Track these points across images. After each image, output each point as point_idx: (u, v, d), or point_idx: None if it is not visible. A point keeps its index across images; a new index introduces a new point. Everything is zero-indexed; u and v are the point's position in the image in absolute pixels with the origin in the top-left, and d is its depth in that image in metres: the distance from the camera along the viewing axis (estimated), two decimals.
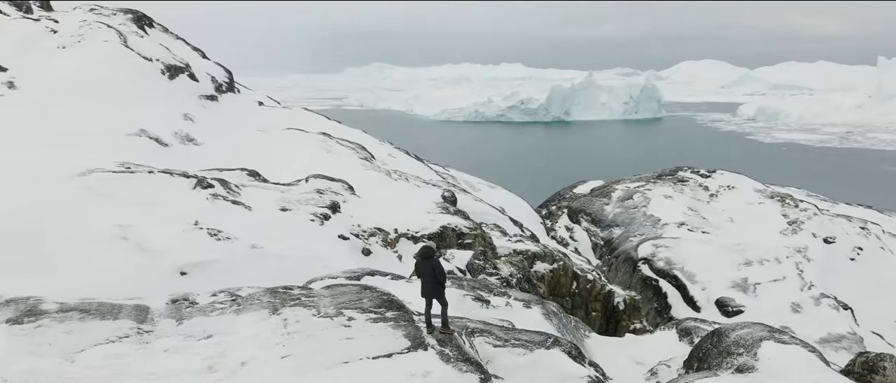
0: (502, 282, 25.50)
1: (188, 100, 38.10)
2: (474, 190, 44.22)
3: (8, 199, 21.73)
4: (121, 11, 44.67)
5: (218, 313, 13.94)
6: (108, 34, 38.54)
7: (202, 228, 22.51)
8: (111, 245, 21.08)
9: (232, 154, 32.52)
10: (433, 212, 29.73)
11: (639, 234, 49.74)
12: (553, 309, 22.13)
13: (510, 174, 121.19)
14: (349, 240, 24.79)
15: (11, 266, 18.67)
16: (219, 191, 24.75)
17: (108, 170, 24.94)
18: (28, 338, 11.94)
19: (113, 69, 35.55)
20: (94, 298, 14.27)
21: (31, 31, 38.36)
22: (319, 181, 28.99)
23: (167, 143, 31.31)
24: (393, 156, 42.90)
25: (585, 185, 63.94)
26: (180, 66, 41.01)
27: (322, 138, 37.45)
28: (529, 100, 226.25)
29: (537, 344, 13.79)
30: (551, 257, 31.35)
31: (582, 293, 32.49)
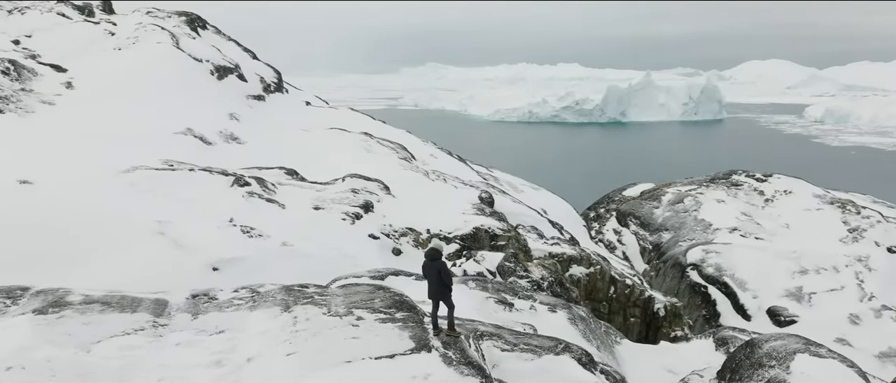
0: (533, 285, 25.21)
1: (235, 100, 39.14)
2: (516, 191, 43.90)
3: (56, 195, 22.80)
4: (176, 14, 46.26)
5: (233, 309, 14.26)
6: (161, 36, 39.97)
7: (236, 225, 23.08)
8: (149, 240, 21.85)
9: (274, 153, 33.24)
10: (468, 213, 29.65)
11: (688, 239, 48.51)
12: (581, 314, 21.76)
13: (561, 176, 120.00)
14: (379, 239, 24.97)
15: (54, 258, 19.58)
16: (255, 190, 25.32)
17: (152, 168, 25.86)
18: (50, 328, 12.49)
19: (164, 70, 36.85)
20: (119, 291, 14.82)
21: (91, 33, 40.14)
22: (355, 180, 29.31)
23: (211, 142, 32.23)
24: (434, 156, 43.01)
25: (635, 188, 62.79)
26: (229, 66, 42.16)
27: (363, 138, 37.87)
28: (584, 100, 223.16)
29: (547, 349, 13.57)
30: (588, 261, 30.81)
31: (620, 298, 31.81)
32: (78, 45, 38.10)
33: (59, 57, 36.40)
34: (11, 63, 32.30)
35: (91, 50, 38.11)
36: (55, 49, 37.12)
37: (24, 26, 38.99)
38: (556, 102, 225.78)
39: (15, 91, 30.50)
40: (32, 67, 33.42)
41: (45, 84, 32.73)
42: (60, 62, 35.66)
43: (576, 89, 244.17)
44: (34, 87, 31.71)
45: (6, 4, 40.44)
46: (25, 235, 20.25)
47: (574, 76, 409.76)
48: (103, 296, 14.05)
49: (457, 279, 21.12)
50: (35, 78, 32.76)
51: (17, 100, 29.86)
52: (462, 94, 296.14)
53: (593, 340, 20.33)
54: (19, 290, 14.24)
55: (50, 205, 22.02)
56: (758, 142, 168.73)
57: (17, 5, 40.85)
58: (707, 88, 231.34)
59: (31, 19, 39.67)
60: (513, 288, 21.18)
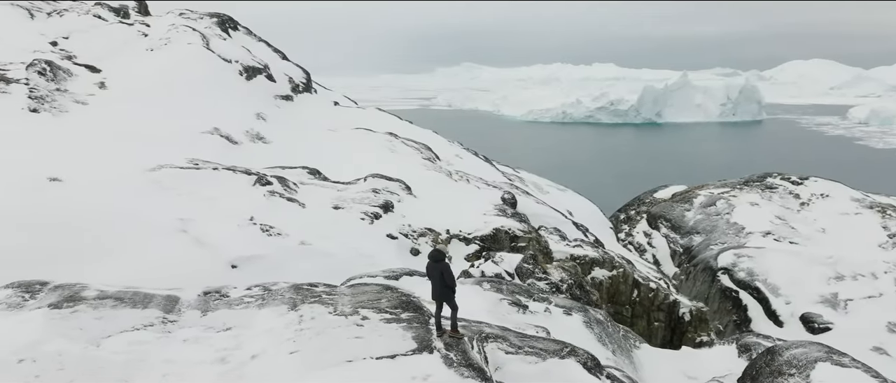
0: (551, 287, 24.99)
1: (263, 100, 39.68)
2: (542, 192, 43.61)
3: (84, 192, 23.42)
4: (207, 15, 47.11)
5: (242, 307, 14.45)
6: (192, 37, 40.75)
7: (256, 224, 23.40)
8: (171, 237, 22.30)
9: (299, 152, 33.62)
10: (489, 213, 29.55)
11: (720, 243, 47.63)
12: (598, 318, 21.50)
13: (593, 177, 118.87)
14: (397, 239, 25.05)
15: (79, 253, 20.11)
16: (276, 189, 25.63)
17: (177, 167, 26.38)
18: (63, 322, 12.82)
19: (193, 70, 37.55)
20: (135, 287, 15.14)
21: (125, 35, 41.13)
22: (377, 180, 29.45)
23: (238, 141, 32.73)
24: (460, 157, 42.99)
25: (667, 190, 61.92)
26: (258, 67, 42.77)
27: (388, 138, 38.03)
28: (619, 101, 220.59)
29: (552, 352, 13.42)
30: (610, 263, 30.41)
31: (643, 301, 31.32)
32: (112, 46, 39.08)
33: (94, 58, 37.39)
34: (48, 64, 33.28)
35: (124, 51, 39.05)
36: (90, 50, 38.14)
37: (62, 28, 40.15)
38: (590, 103, 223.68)
39: (50, 91, 31.42)
40: (68, 68, 34.39)
41: (79, 84, 33.65)
42: (95, 63, 36.62)
43: (610, 89, 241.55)
44: (69, 87, 32.62)
45: (45, 7, 41.71)
46: (53, 231, 20.83)
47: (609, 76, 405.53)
48: (117, 292, 14.37)
49: (472, 280, 21.08)
50: (70, 78, 33.70)
51: (51, 100, 30.76)
52: (495, 94, 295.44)
53: (609, 344, 20.08)
54: (38, 285, 14.66)
55: (77, 202, 22.62)
56: (798, 144, 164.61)
57: (56, 7, 42.10)
58: (746, 89, 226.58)
59: (68, 21, 40.83)
60: (529, 290, 21.03)
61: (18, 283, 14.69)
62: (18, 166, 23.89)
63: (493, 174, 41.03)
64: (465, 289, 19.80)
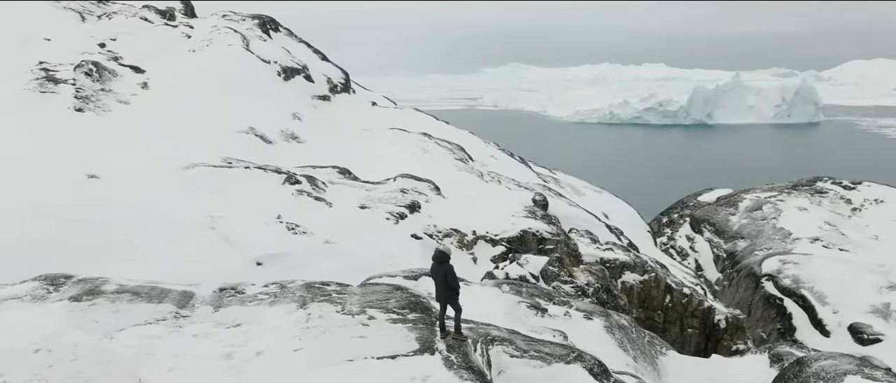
0: (577, 290, 24.65)
1: (300, 100, 40.33)
2: (577, 194, 43.07)
3: (120, 189, 24.23)
4: (249, 17, 48.15)
5: (255, 303, 14.71)
6: (232, 39, 41.72)
7: (282, 222, 23.79)
8: (201, 234, 22.85)
9: (332, 152, 34.05)
10: (518, 215, 29.34)
11: (765, 248, 46.29)
12: (621, 323, 21.12)
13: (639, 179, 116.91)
14: (422, 239, 25.10)
15: (111, 249, 20.82)
16: (304, 188, 26.01)
17: (210, 165, 27.03)
18: (81, 315, 13.28)
19: (232, 71, 38.44)
20: (153, 282, 15.58)
21: (169, 36, 42.38)
22: (406, 180, 29.58)
23: (272, 141, 33.34)
24: (494, 157, 42.82)
25: (711, 194, 60.55)
26: (297, 67, 43.48)
27: (421, 138, 38.17)
28: (668, 101, 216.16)
29: (558, 357, 13.23)
30: (642, 268, 29.82)
31: (676, 307, 30.62)
32: (156, 48, 40.33)
33: (139, 59, 38.65)
34: (94, 65, 34.55)
35: (168, 52, 40.25)
36: (136, 51, 39.44)
37: (111, 30, 41.64)
38: (638, 103, 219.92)
39: (95, 91, 32.61)
40: (113, 69, 35.63)
41: (123, 84, 34.83)
42: (139, 64, 37.85)
43: (659, 90, 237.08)
44: (113, 88, 33.80)
45: (96, 10, 43.33)
46: (88, 227, 21.61)
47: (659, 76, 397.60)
48: (136, 287, 14.82)
49: (492, 282, 20.96)
50: (115, 79, 34.91)
51: (96, 100, 31.93)
52: (542, 94, 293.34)
53: (631, 350, 19.70)
54: (63, 278, 15.22)
55: (113, 198, 23.42)
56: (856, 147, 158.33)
57: (106, 10, 43.68)
58: (802, 89, 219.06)
59: (116, 24, 42.32)
60: (549, 293, 20.80)
61: (45, 276, 15.29)
62: (60, 164, 24.88)
63: (526, 175, 40.72)
64: (483, 291, 19.73)
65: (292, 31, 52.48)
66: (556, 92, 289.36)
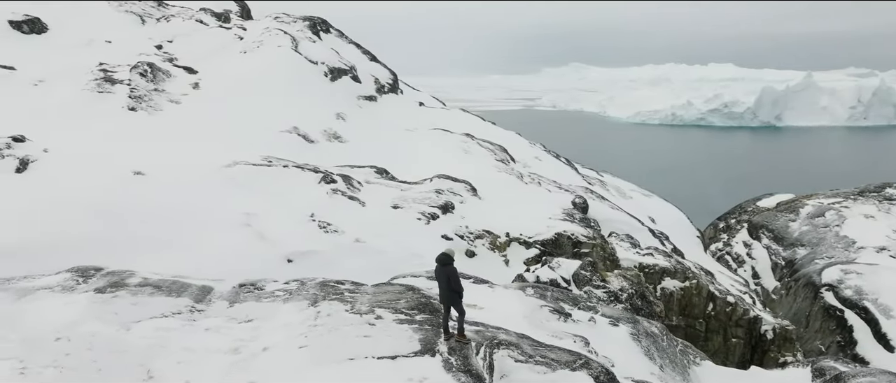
0: (609, 296, 24.13)
1: (345, 100, 40.95)
2: (623, 198, 42.17)
3: (163, 186, 25.15)
4: (301, 19, 49.21)
5: (270, 300, 15.02)
6: (281, 40, 42.73)
7: (315, 221, 24.21)
8: (236, 231, 23.51)
9: (373, 151, 34.44)
10: (555, 217, 28.95)
11: (826, 257, 44.26)
12: (651, 330, 20.55)
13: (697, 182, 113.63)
14: (452, 240, 25.08)
15: (149, 243, 21.64)
16: (339, 187, 26.39)
17: (250, 164, 27.75)
18: (103, 306, 13.86)
19: (280, 72, 39.37)
20: (178, 276, 16.13)
21: (223, 38, 43.77)
22: (442, 181, 29.62)
23: (314, 140, 33.98)
24: (539, 158, 42.39)
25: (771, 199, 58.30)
26: (344, 68, 44.17)
27: (463, 139, 38.15)
28: (734, 103, 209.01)
29: (564, 364, 12.97)
30: (683, 274, 28.94)
31: (720, 316, 29.59)
32: (210, 49, 41.71)
33: (193, 60, 40.06)
34: (149, 66, 36.01)
35: (220, 53, 41.56)
36: (190, 52, 40.90)
37: (168, 32, 43.33)
38: (702, 104, 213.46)
39: (148, 91, 33.99)
40: (167, 69, 37.04)
41: (176, 85, 36.17)
42: (192, 65, 39.23)
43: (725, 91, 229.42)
44: (166, 88, 35.15)
45: (156, 13, 45.15)
46: (130, 221, 22.54)
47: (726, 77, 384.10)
48: (159, 280, 15.36)
49: (516, 285, 20.75)
50: (168, 79, 36.30)
51: (148, 100, 33.28)
52: (602, 95, 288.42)
53: (658, 358, 19.14)
54: (93, 270, 15.93)
55: (155, 194, 24.34)
56: None
57: (164, 13, 45.47)
58: (880, 90, 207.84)
59: (174, 26, 44.00)
60: (575, 298, 20.43)
61: (77, 268, 16.04)
62: (109, 161, 26.01)
63: (570, 177, 40.14)
64: (506, 294, 19.56)
65: (343, 32, 53.32)
66: (617, 92, 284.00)
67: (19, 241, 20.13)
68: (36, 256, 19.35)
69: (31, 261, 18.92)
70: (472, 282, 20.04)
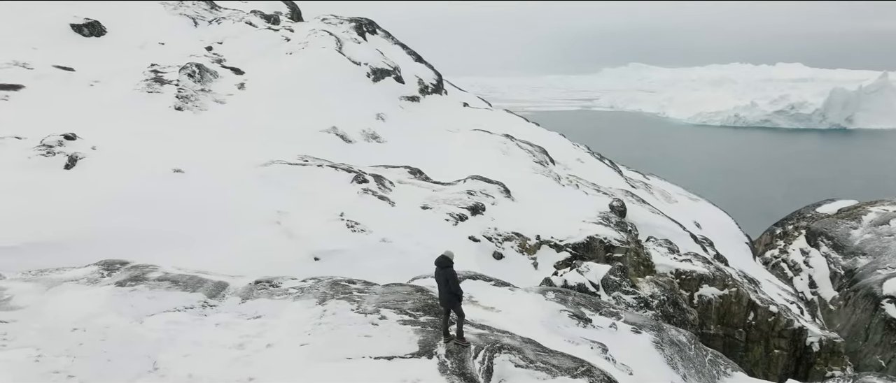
0: (639, 302, 23.56)
1: (387, 100, 41.30)
2: (668, 201, 41.09)
3: (200, 183, 25.91)
4: (347, 20, 49.91)
5: (282, 297, 15.29)
6: (326, 41, 43.43)
7: (344, 220, 24.49)
8: (266, 228, 24.00)
9: (410, 152, 34.60)
10: (589, 220, 28.46)
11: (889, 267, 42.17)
12: (679, 338, 19.97)
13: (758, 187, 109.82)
14: (480, 242, 24.95)
15: (180, 238, 22.31)
16: (370, 187, 26.63)
17: (286, 162, 28.31)
18: (121, 299, 14.40)
19: (323, 73, 40.02)
20: (199, 271, 16.60)
21: (270, 40, 44.82)
22: (475, 182, 29.53)
23: (352, 140, 34.39)
24: (581, 160, 41.74)
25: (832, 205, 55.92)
26: (387, 69, 44.55)
27: (502, 140, 37.93)
28: (801, 104, 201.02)
29: (565, 370, 12.72)
30: (722, 282, 27.95)
31: (761, 325, 28.47)
32: (257, 50, 42.78)
33: (240, 61, 41.16)
34: (197, 67, 37.20)
35: (267, 54, 42.57)
36: (238, 54, 42.04)
37: (218, 34, 44.64)
38: (767, 106, 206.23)
39: (195, 91, 35.12)
40: (215, 70, 38.18)
41: (222, 85, 37.24)
42: (240, 66, 40.31)
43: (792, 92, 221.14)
44: (212, 88, 36.23)
45: (208, 15, 46.61)
46: (166, 217, 23.30)
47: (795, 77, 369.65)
48: (177, 275, 15.85)
49: (537, 288, 20.47)
50: (215, 80, 37.41)
51: (194, 100, 34.38)
52: (662, 95, 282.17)
53: (681, 368, 18.58)
54: (119, 264, 16.56)
55: (192, 191, 25.09)
56: None
57: (216, 16, 46.89)
58: None
59: (224, 28, 45.31)
60: (597, 303, 20.01)
61: (104, 262, 16.71)
62: (151, 158, 26.97)
63: (613, 180, 39.37)
64: (526, 297, 19.32)
65: (390, 33, 53.78)
66: (678, 93, 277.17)
67: (60, 234, 21.09)
68: (73, 249, 20.25)
69: (68, 253, 19.82)
70: (492, 284, 19.90)
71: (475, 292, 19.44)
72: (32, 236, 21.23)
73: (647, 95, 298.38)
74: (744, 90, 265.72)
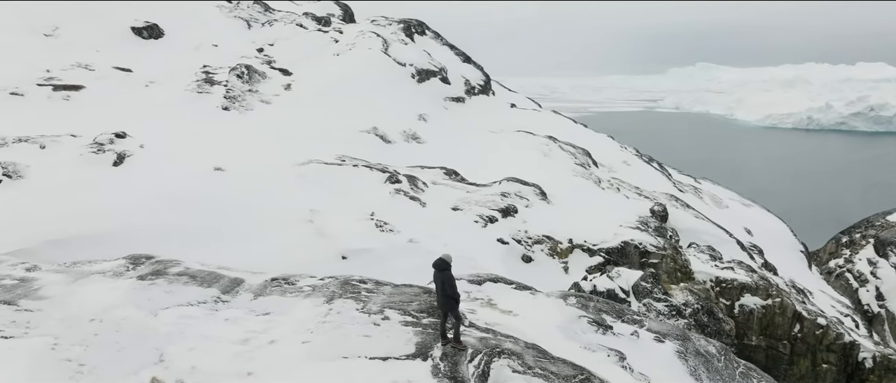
0: (671, 309, 22.85)
1: (431, 101, 41.50)
2: (719, 207, 39.73)
3: (238, 182, 26.72)
4: (396, 21, 50.40)
5: (293, 295, 15.57)
6: (373, 43, 43.99)
7: (373, 219, 24.75)
8: (298, 226, 24.52)
9: (448, 153, 34.66)
10: (625, 225, 27.83)
11: None
12: (707, 349, 19.28)
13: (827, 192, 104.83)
14: (508, 245, 24.76)
15: (214, 235, 23.05)
16: (403, 187, 26.83)
17: (323, 162, 28.84)
18: (140, 292, 14.97)
19: (367, 74, 40.56)
20: (221, 267, 17.09)
21: (320, 41, 45.75)
22: (510, 184, 29.33)
23: (391, 141, 34.70)
24: (627, 163, 40.84)
25: None
26: (433, 70, 44.76)
27: (545, 141, 37.52)
28: (882, 106, 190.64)
29: (563, 378, 12.47)
30: (765, 291, 26.79)
31: (807, 338, 27.16)
32: (306, 52, 43.74)
33: (290, 62, 42.18)
34: (246, 68, 38.33)
35: (315, 56, 43.47)
36: (288, 55, 43.11)
37: (270, 36, 45.88)
38: (843, 107, 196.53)
39: (242, 92, 36.20)
40: (263, 71, 39.24)
41: (269, 86, 38.25)
42: (288, 67, 41.32)
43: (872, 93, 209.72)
44: (259, 89, 37.27)
45: (261, 18, 47.97)
46: (202, 214, 24.13)
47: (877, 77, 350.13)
48: (196, 271, 16.36)
49: (558, 293, 20.13)
50: (263, 80, 38.46)
51: (241, 100, 35.44)
52: (730, 96, 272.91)
53: (706, 379, 17.94)
54: (144, 258, 17.24)
55: (230, 189, 25.90)
56: None
57: (269, 18, 48.20)
58: None
59: (276, 30, 46.54)
60: (620, 310, 19.52)
61: (131, 256, 17.42)
62: (194, 157, 27.98)
63: (659, 183, 38.35)
64: (546, 302, 19.04)
65: (439, 34, 54.02)
66: (747, 94, 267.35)
67: (102, 229, 22.15)
68: (113, 243, 21.19)
69: (107, 247, 20.73)
70: (513, 287, 19.71)
71: (495, 295, 19.31)
72: (78, 230, 22.39)
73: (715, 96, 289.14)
74: (819, 91, 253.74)
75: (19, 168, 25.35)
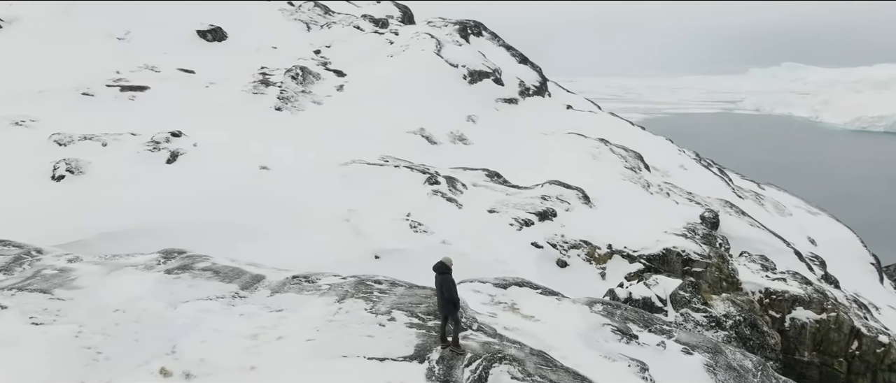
0: (710, 321, 21.94)
1: (482, 102, 41.41)
2: (782, 214, 37.88)
3: (282, 180, 27.48)
4: (452, 22, 50.56)
5: (310, 293, 15.87)
6: (426, 44, 44.27)
7: (409, 220, 24.93)
8: (335, 225, 25.00)
9: (494, 154, 34.52)
10: (670, 231, 26.96)
11: None
12: (743, 364, 18.47)
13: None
14: (543, 249, 24.43)
15: (253, 231, 23.79)
16: (440, 189, 26.90)
17: (365, 162, 29.28)
18: (164, 286, 15.61)
19: (419, 75, 40.87)
20: (250, 263, 17.61)
21: (375, 43, 46.44)
22: (552, 187, 28.92)
23: (437, 142, 34.84)
24: (684, 167, 39.53)
25: None
26: (486, 71, 44.65)
27: (595, 144, 36.80)
28: None
29: None
30: (820, 305, 25.31)
31: (866, 357, 25.50)
32: (362, 53, 44.50)
33: (345, 63, 43.03)
34: (301, 69, 39.35)
35: (370, 57, 44.16)
36: (343, 57, 43.97)
37: (328, 38, 46.93)
38: None
39: (296, 92, 37.18)
40: (318, 73, 40.18)
41: (323, 87, 39.14)
42: (343, 68, 42.14)
43: None
44: (312, 90, 38.19)
45: (321, 20, 49.12)
46: (245, 211, 24.95)
47: None
48: (221, 266, 16.92)
49: (584, 300, 19.68)
50: (317, 81, 39.39)
51: (294, 101, 36.42)
52: (817, 98, 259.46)
53: None
54: (176, 253, 17.96)
55: (273, 188, 26.67)
56: None
57: (328, 20, 49.31)
58: None
59: (333, 32, 47.56)
60: (648, 319, 18.90)
61: (165, 250, 18.18)
62: (243, 156, 28.95)
63: (717, 188, 36.91)
64: (571, 309, 18.67)
65: (496, 35, 53.82)
66: (835, 95, 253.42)
67: (150, 223, 23.22)
68: (158, 237, 22.13)
69: (151, 240, 21.70)
70: (539, 292, 19.44)
71: (519, 299, 19.12)
72: (129, 224, 23.56)
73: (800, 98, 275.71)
74: None
75: (82, 164, 26.89)
